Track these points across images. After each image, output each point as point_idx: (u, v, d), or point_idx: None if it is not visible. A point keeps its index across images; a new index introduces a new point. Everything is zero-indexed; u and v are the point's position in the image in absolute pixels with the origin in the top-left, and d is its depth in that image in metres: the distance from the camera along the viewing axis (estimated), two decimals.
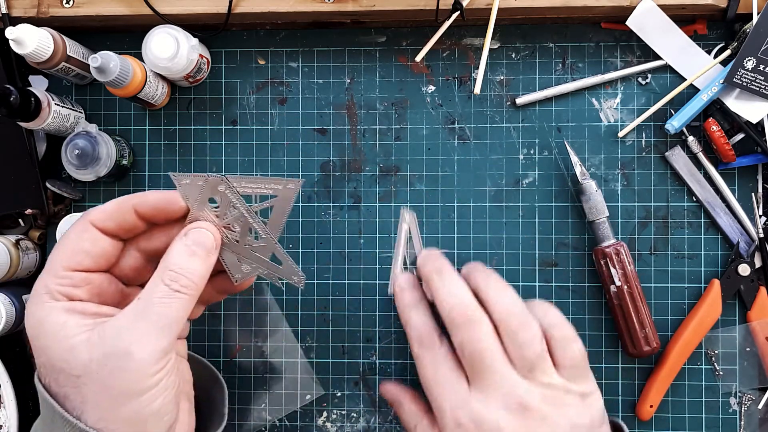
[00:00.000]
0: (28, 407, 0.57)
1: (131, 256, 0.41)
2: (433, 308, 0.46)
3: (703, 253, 0.54)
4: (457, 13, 0.49)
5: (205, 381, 0.47)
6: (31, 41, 0.46)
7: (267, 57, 0.56)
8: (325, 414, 0.55)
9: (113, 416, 0.34)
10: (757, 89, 0.50)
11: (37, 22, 0.51)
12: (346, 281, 0.55)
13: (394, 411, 0.47)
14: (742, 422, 0.53)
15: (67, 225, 0.50)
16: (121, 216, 0.39)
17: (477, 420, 0.40)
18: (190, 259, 0.37)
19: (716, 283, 0.52)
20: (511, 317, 0.42)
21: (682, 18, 0.53)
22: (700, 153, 0.53)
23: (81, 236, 0.38)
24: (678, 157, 0.53)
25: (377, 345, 0.55)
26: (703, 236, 0.54)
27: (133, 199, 0.39)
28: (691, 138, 0.53)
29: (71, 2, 0.52)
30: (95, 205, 0.56)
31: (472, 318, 0.42)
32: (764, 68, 0.49)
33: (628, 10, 0.51)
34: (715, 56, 0.53)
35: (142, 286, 0.39)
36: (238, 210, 0.40)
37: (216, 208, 0.40)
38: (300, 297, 0.55)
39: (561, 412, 0.40)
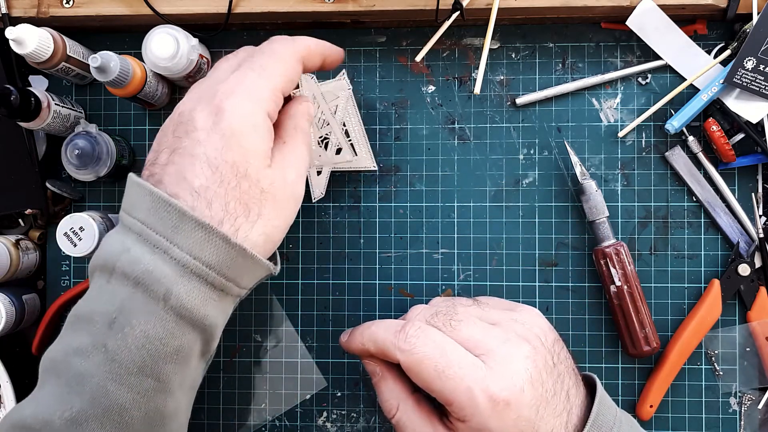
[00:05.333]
0: None
1: None
2: None
3: (703, 253, 0.54)
4: (457, 13, 0.49)
5: None
6: (31, 41, 0.46)
7: None
8: (325, 414, 0.55)
9: (275, 234, 0.39)
10: (757, 89, 0.50)
11: (37, 22, 0.51)
12: (346, 281, 0.55)
13: (372, 382, 0.44)
14: (742, 422, 0.53)
15: (67, 225, 0.50)
16: (316, 59, 0.43)
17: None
18: (307, 124, 0.44)
19: (716, 283, 0.52)
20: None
21: (682, 18, 0.53)
22: (700, 153, 0.53)
23: (295, 67, 0.41)
24: (678, 157, 0.53)
25: None
26: (703, 236, 0.54)
27: (328, 49, 0.44)
28: (691, 138, 0.53)
29: (71, 2, 0.52)
30: (95, 205, 0.56)
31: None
32: (764, 68, 0.49)
33: (628, 10, 0.51)
34: (715, 56, 0.53)
35: None
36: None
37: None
38: (300, 297, 0.55)
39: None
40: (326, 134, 0.51)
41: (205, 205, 0.36)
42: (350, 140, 0.51)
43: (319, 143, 0.51)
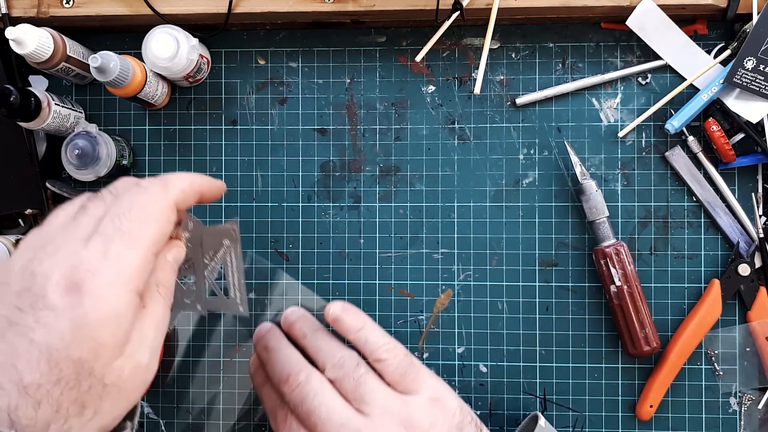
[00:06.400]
0: None
1: None
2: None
3: (703, 253, 0.54)
4: (457, 13, 0.49)
5: None
6: (31, 41, 0.46)
7: (267, 57, 0.56)
8: None
9: (113, 423, 0.32)
10: (757, 89, 0.50)
11: (37, 22, 0.51)
12: (346, 281, 0.55)
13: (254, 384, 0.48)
14: (742, 422, 0.53)
15: None
16: (191, 200, 0.37)
17: None
18: (172, 277, 0.36)
19: (716, 283, 0.52)
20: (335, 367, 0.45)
21: (682, 18, 0.53)
22: (700, 153, 0.53)
23: (170, 219, 0.34)
24: (678, 157, 0.53)
25: None
26: (703, 236, 0.54)
27: (206, 186, 0.38)
28: (691, 138, 0.53)
29: (71, 2, 0.52)
30: None
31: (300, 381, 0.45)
32: (764, 68, 0.49)
33: (628, 10, 0.51)
34: (715, 56, 0.53)
35: None
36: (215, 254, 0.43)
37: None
38: (300, 297, 0.55)
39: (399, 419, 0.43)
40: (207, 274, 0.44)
41: (31, 405, 0.29)
42: (224, 282, 0.44)
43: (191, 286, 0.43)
